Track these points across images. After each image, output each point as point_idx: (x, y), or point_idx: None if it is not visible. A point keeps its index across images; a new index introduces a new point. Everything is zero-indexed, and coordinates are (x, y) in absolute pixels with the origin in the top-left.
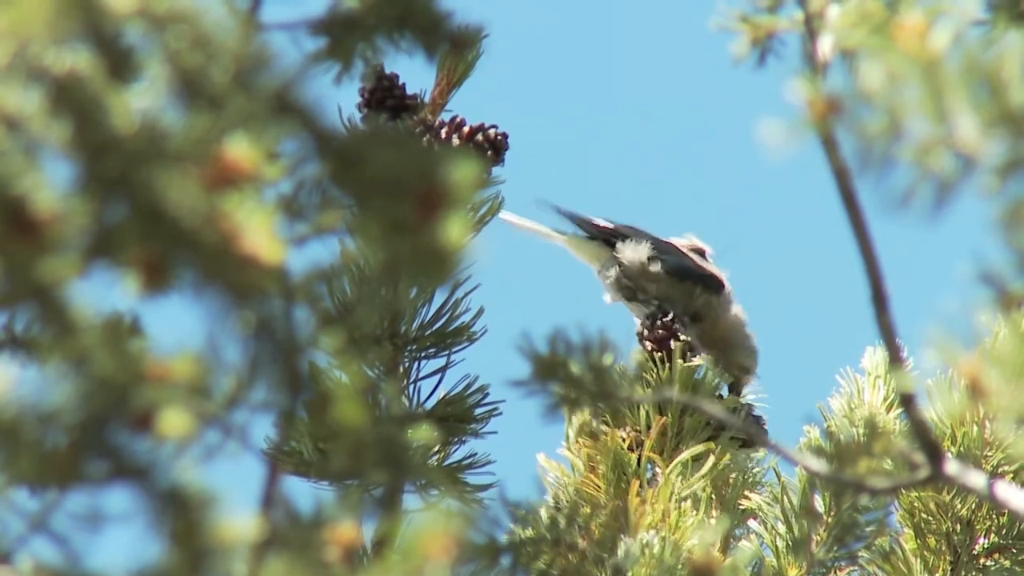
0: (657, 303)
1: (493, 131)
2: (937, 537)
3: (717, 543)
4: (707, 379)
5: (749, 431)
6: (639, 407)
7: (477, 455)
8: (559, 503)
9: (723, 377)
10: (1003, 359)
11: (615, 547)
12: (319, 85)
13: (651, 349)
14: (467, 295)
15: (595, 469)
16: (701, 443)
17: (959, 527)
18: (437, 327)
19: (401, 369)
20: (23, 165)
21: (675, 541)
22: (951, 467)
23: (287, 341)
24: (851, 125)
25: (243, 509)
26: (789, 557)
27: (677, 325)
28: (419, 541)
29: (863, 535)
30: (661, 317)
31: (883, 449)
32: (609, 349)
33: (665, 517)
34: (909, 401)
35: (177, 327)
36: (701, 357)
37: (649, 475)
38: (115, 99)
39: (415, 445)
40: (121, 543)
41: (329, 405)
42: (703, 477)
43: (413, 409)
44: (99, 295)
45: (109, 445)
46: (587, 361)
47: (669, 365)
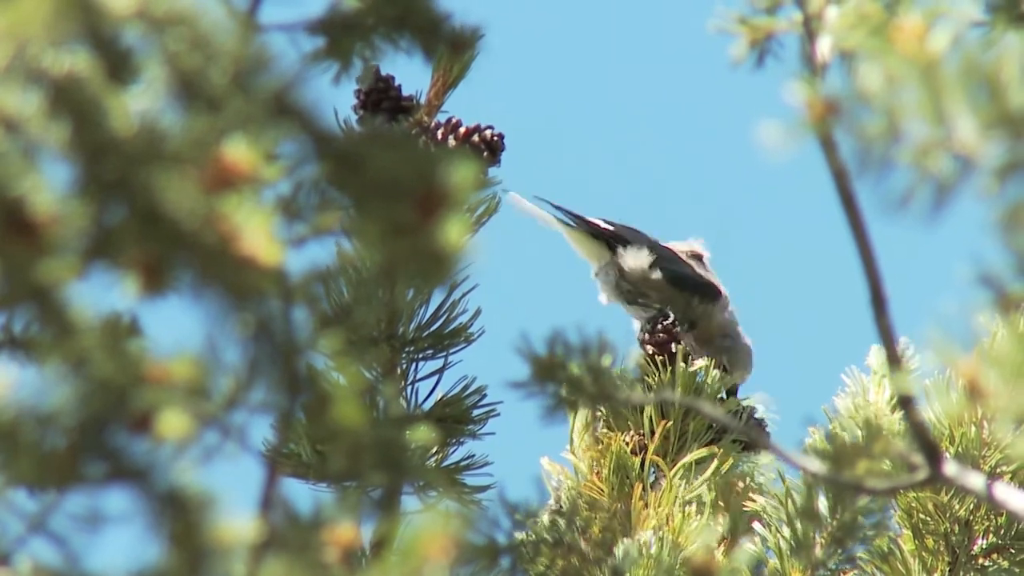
0: (658, 307)
1: (489, 132)
2: (935, 538)
3: (718, 545)
4: (709, 382)
5: (750, 434)
6: (642, 411)
7: (475, 456)
8: (561, 506)
9: (720, 376)
10: (1001, 360)
11: (616, 548)
12: (317, 86)
13: (652, 352)
14: (464, 296)
15: (598, 473)
16: (704, 447)
17: (957, 528)
18: (435, 328)
19: (399, 370)
20: (22, 166)
21: (673, 542)
22: (950, 468)
23: (286, 342)
24: (850, 127)
25: (242, 510)
26: (792, 560)
27: (678, 328)
28: (418, 542)
29: (865, 538)
30: (662, 320)
31: (882, 450)
32: (608, 350)
33: (669, 520)
34: (907, 402)
35: (176, 328)
36: (700, 359)
37: (652, 479)
38: (114, 101)
39: (413, 446)
40: (120, 544)
41: (327, 407)
42: (706, 481)
43: (411, 410)
44: (98, 296)
45: (108, 446)
46: (586, 362)
47: (670, 368)
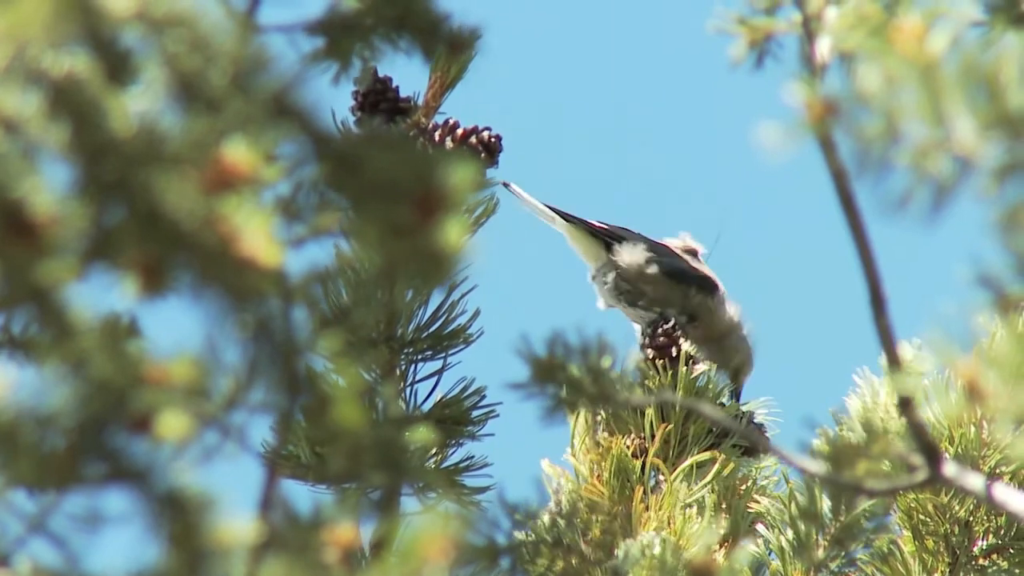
0: (659, 311)
1: (487, 133)
2: (935, 539)
3: (718, 546)
4: (710, 386)
5: (751, 437)
6: (643, 414)
7: (475, 457)
8: (561, 508)
9: (721, 375)
10: (1001, 361)
11: (616, 550)
12: (316, 87)
13: (652, 356)
14: (463, 297)
15: (599, 476)
16: (704, 450)
17: (957, 529)
18: (434, 329)
19: (398, 372)
20: (22, 168)
21: (676, 544)
22: (949, 469)
23: (285, 343)
24: (849, 127)
25: (242, 511)
26: (795, 562)
27: (679, 332)
28: (417, 543)
29: (867, 539)
30: (662, 324)
31: (881, 451)
32: (608, 352)
33: (669, 523)
34: (907, 403)
35: (176, 329)
36: (701, 360)
37: (652, 483)
38: (113, 102)
39: (413, 447)
40: (120, 544)
41: (327, 408)
42: (706, 484)
43: (410, 412)
44: (97, 297)
45: (108, 447)
46: (586, 364)
47: (671, 372)
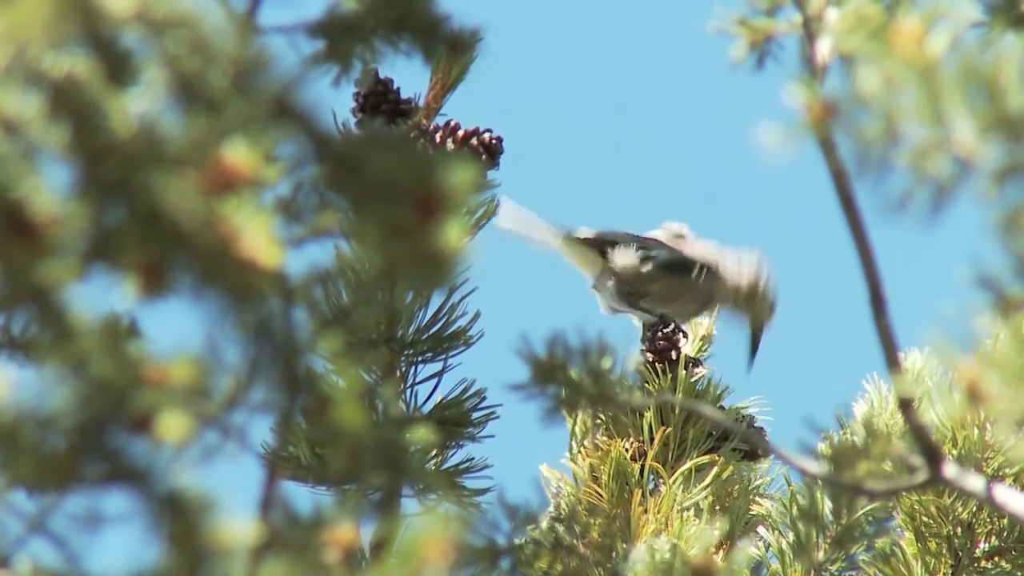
0: (661, 313)
1: (488, 135)
2: (938, 540)
3: (718, 548)
4: (709, 389)
5: (751, 438)
6: (642, 417)
7: (475, 459)
8: (560, 512)
9: (749, 327)
10: (1002, 363)
11: (615, 552)
12: (316, 89)
13: (652, 360)
14: (464, 299)
15: (598, 479)
16: (704, 454)
17: (960, 530)
18: (434, 331)
19: (398, 373)
20: (22, 169)
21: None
22: (949, 470)
23: (286, 343)
24: (849, 129)
25: (242, 512)
26: (795, 564)
27: (678, 335)
28: (417, 545)
29: (868, 541)
30: (661, 328)
31: (882, 452)
32: (608, 353)
33: (668, 526)
34: (907, 404)
35: (175, 330)
36: (729, 310)
37: (651, 486)
38: (113, 103)
39: (413, 449)
40: (120, 545)
41: (327, 409)
42: (706, 488)
43: (410, 413)
44: (98, 298)
45: (108, 448)
46: (586, 365)
47: (671, 375)
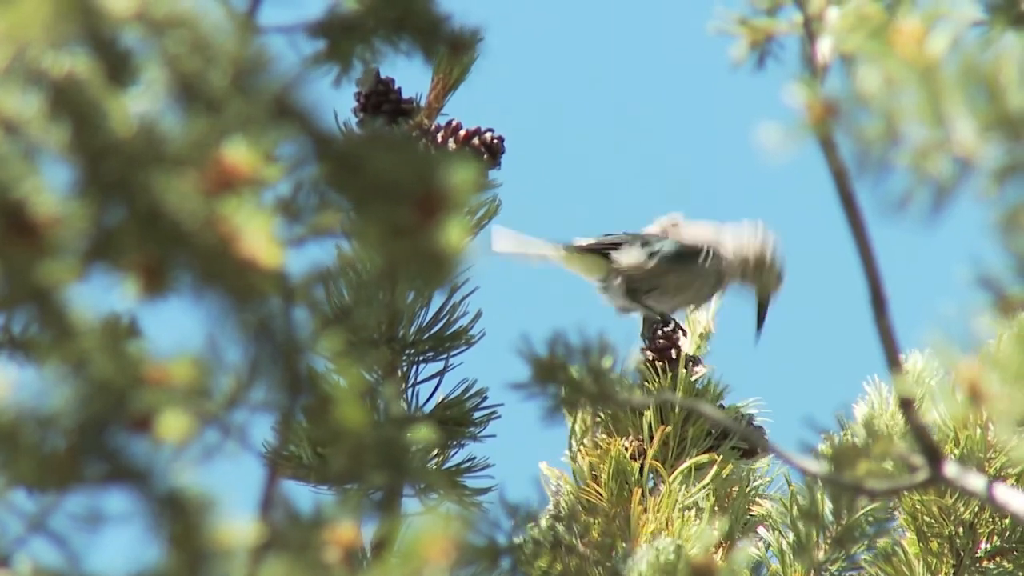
0: (661, 313)
1: (489, 135)
2: (939, 540)
3: (718, 548)
4: (709, 388)
5: (750, 437)
6: (642, 416)
7: (476, 458)
8: (560, 511)
9: (756, 297)
10: (1002, 363)
11: (615, 551)
12: (317, 88)
13: (652, 359)
14: (465, 298)
15: (597, 478)
16: (703, 453)
17: (961, 530)
18: (435, 330)
19: (399, 373)
20: (22, 169)
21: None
22: (950, 470)
23: (287, 343)
24: (849, 128)
25: (242, 511)
26: (795, 564)
27: (678, 333)
28: (418, 544)
29: (869, 541)
30: (661, 327)
31: (882, 451)
32: (609, 352)
33: (668, 525)
34: (907, 404)
35: (176, 329)
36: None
37: (651, 485)
38: (114, 103)
39: (414, 448)
40: (120, 545)
41: (328, 408)
42: (705, 486)
43: (412, 413)
44: (98, 298)
45: (108, 447)
46: (587, 364)
47: (671, 374)
